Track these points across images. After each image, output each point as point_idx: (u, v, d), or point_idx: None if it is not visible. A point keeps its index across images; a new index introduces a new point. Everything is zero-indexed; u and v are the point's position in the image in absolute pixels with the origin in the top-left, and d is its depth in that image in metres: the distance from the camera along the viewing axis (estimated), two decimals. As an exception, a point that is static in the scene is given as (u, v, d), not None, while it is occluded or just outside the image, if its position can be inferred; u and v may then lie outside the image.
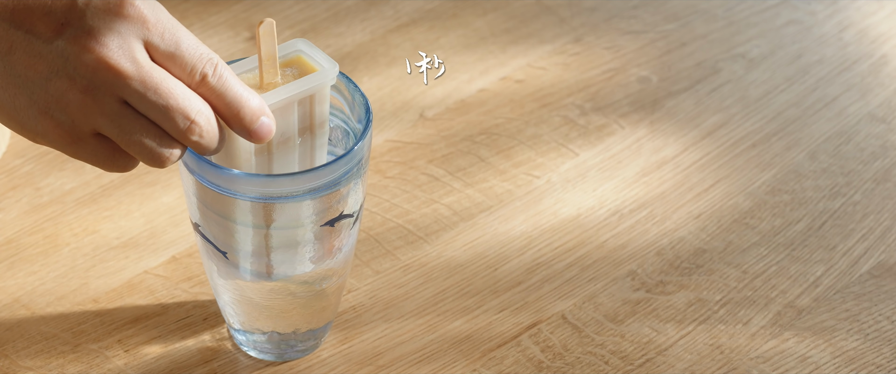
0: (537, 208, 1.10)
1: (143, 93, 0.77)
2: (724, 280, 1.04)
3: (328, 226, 0.89)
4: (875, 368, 0.98)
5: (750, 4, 1.30)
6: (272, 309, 0.94)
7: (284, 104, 0.84)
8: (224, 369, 0.97)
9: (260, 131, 0.81)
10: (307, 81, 0.85)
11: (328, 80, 0.85)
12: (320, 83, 0.85)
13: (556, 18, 1.27)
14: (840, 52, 1.25)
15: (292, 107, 0.85)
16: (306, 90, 0.85)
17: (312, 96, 0.86)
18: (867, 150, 1.15)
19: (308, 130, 0.87)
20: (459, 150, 1.14)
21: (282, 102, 0.84)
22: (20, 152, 1.12)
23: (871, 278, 1.05)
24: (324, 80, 0.85)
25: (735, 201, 1.11)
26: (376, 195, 1.10)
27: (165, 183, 1.10)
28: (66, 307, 1.00)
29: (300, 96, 0.85)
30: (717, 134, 1.17)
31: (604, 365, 0.98)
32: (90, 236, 1.06)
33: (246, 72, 0.86)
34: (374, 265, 1.05)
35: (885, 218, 1.09)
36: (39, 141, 0.79)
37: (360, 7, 1.28)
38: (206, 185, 0.86)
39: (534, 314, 1.01)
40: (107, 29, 0.77)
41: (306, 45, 0.87)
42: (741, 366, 0.98)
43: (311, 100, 0.86)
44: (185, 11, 1.26)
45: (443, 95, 1.19)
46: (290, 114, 0.85)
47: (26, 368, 0.96)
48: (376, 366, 0.97)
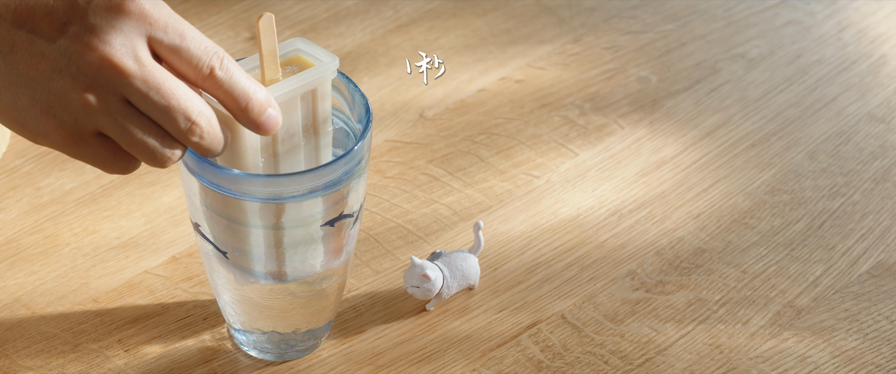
0: (537, 208, 1.10)
1: (146, 92, 0.77)
2: (723, 280, 1.04)
3: (328, 226, 0.89)
4: (874, 368, 0.98)
5: (749, 4, 1.30)
6: (272, 309, 0.94)
7: (288, 99, 0.85)
8: (224, 369, 0.97)
9: (267, 123, 0.81)
10: (309, 74, 0.85)
11: (329, 72, 0.86)
12: (322, 76, 0.85)
13: (555, 18, 1.28)
14: (839, 52, 1.25)
15: (295, 102, 0.85)
16: (308, 83, 0.85)
17: (314, 92, 0.86)
18: (866, 150, 1.15)
19: (312, 128, 0.87)
20: (459, 150, 1.15)
21: (285, 95, 0.84)
22: (20, 152, 1.12)
23: (870, 278, 1.05)
24: (325, 72, 0.85)
25: (734, 200, 1.11)
26: (376, 195, 1.10)
27: (165, 183, 1.10)
28: (67, 307, 1.01)
29: (303, 90, 0.85)
30: (717, 134, 1.17)
31: (603, 365, 0.98)
32: (90, 236, 1.06)
33: (247, 71, 0.86)
34: (374, 265, 1.05)
35: (885, 218, 1.09)
36: (41, 142, 0.79)
37: (360, 7, 1.28)
38: (207, 185, 0.86)
39: (533, 314, 1.01)
40: (109, 27, 0.76)
41: (304, 43, 0.87)
42: (741, 366, 0.98)
43: (313, 96, 0.86)
44: (186, 11, 1.26)
45: (443, 95, 1.19)
46: (294, 110, 0.85)
47: (26, 368, 0.97)
48: (376, 366, 0.97)
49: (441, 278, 0.99)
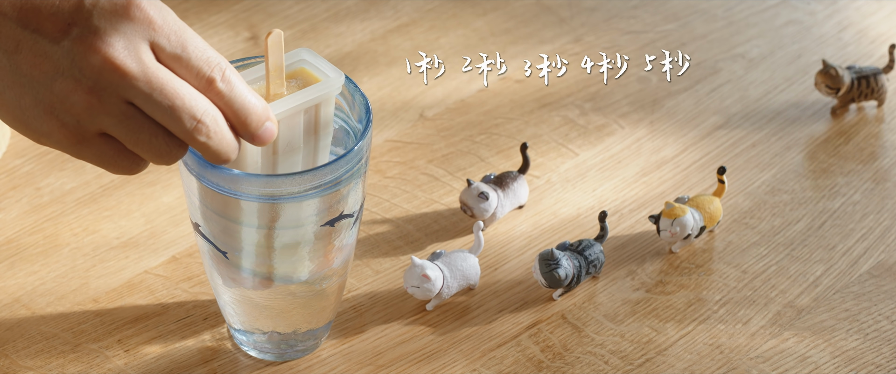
0: (537, 207, 1.10)
1: (149, 93, 0.77)
2: (723, 280, 1.04)
3: (328, 226, 0.89)
4: (874, 368, 0.98)
5: (750, 4, 1.30)
6: (272, 309, 0.94)
7: (291, 114, 0.85)
8: (224, 369, 0.97)
9: (263, 136, 0.81)
10: (313, 91, 0.85)
11: (334, 90, 0.86)
12: (327, 93, 0.85)
13: (556, 18, 1.28)
14: (839, 52, 1.25)
15: (298, 116, 0.85)
16: (313, 100, 0.85)
17: (318, 107, 0.86)
18: (867, 150, 1.15)
19: (313, 133, 0.87)
20: (459, 150, 1.15)
21: (289, 111, 0.84)
22: (20, 152, 1.12)
23: (870, 278, 1.05)
24: (329, 90, 0.85)
25: (735, 200, 1.11)
26: (376, 195, 1.10)
27: (165, 183, 1.10)
28: (67, 307, 1.01)
29: (307, 106, 0.85)
30: (717, 134, 1.17)
31: (603, 365, 0.98)
32: (90, 236, 1.06)
33: (251, 83, 0.86)
34: (374, 265, 1.05)
35: (885, 218, 1.09)
36: (44, 142, 0.79)
37: (360, 7, 1.28)
38: (207, 185, 0.86)
39: (534, 314, 1.01)
40: (113, 30, 0.76)
41: (310, 54, 0.87)
42: (741, 366, 0.98)
43: (316, 107, 0.86)
44: (186, 11, 1.26)
45: (443, 95, 1.19)
46: (296, 123, 0.86)
47: (26, 368, 0.96)
48: (376, 366, 0.97)
49: (441, 278, 0.99)
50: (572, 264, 1.00)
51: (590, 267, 1.01)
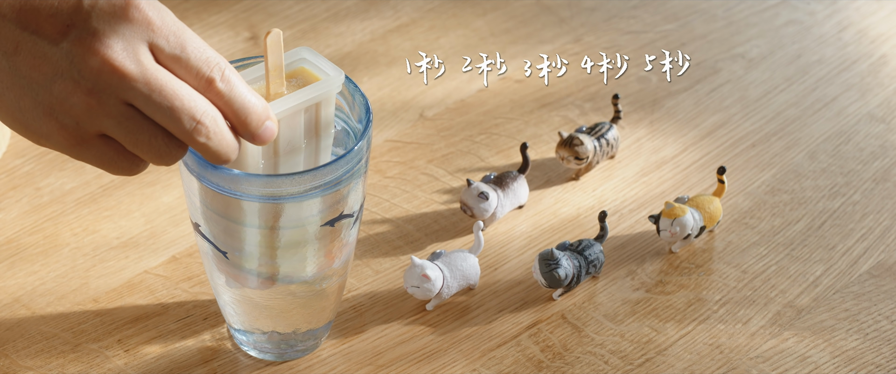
0: (537, 207, 1.10)
1: (148, 94, 0.77)
2: (723, 280, 1.04)
3: (328, 226, 0.89)
4: (874, 367, 0.98)
5: (749, 4, 1.30)
6: (272, 309, 0.94)
7: (291, 113, 0.85)
8: (224, 369, 0.97)
9: (263, 135, 0.81)
10: (313, 89, 0.85)
11: (334, 88, 0.86)
12: (327, 92, 0.85)
13: (556, 18, 1.28)
14: (839, 52, 1.25)
15: (299, 115, 0.85)
16: (313, 98, 0.85)
17: (318, 105, 0.86)
18: (866, 150, 1.16)
19: (314, 132, 0.87)
20: (459, 150, 1.15)
21: (289, 110, 0.84)
22: (20, 152, 1.12)
23: (870, 278, 1.05)
24: (330, 88, 0.85)
25: (734, 200, 1.11)
26: (376, 195, 1.10)
27: (165, 183, 1.10)
28: (67, 307, 1.01)
29: (307, 104, 0.85)
30: (717, 134, 1.17)
31: (603, 365, 0.98)
32: (90, 236, 1.06)
33: (251, 82, 0.86)
34: (374, 265, 1.05)
35: (885, 218, 1.09)
36: (43, 143, 0.79)
37: (360, 7, 1.28)
38: (208, 186, 0.86)
39: (534, 314, 1.01)
40: (111, 31, 0.76)
41: (310, 53, 0.87)
42: (741, 366, 0.98)
43: (317, 106, 0.86)
44: (186, 11, 1.26)
45: (443, 95, 1.19)
46: (297, 122, 0.86)
47: (26, 368, 0.97)
48: (376, 366, 0.97)
49: (441, 278, 0.99)
50: (572, 264, 1.00)
51: (590, 267, 1.01)
